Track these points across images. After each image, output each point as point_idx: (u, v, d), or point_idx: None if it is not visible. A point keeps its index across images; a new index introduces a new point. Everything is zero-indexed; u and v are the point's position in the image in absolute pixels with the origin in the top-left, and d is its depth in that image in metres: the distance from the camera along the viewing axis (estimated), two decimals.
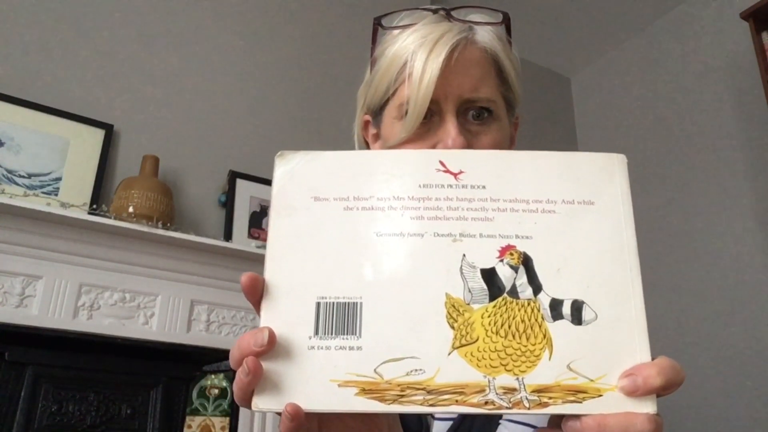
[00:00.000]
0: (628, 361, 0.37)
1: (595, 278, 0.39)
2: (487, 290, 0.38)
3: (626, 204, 0.42)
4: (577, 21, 3.10)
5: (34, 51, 1.81)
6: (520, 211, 0.40)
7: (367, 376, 0.37)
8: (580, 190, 0.41)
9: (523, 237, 0.39)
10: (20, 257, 1.53)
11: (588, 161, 0.42)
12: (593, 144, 3.29)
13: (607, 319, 0.38)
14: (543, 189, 0.40)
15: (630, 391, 0.36)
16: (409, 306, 0.38)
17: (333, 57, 2.40)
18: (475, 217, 0.39)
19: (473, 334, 0.37)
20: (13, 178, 1.64)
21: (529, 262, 0.39)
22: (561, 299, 0.38)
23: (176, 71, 2.04)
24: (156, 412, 1.66)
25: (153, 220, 1.64)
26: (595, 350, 0.37)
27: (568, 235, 0.39)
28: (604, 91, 3.30)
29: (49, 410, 1.52)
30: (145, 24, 2.03)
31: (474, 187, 0.40)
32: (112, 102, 1.89)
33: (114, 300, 1.62)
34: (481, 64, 0.61)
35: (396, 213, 0.40)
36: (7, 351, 1.51)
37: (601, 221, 0.40)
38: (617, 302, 0.39)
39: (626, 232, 0.40)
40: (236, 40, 2.19)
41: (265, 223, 2.01)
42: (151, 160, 1.78)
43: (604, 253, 0.39)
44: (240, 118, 2.11)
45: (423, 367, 0.37)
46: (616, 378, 0.37)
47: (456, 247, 0.39)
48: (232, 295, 1.79)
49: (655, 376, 0.36)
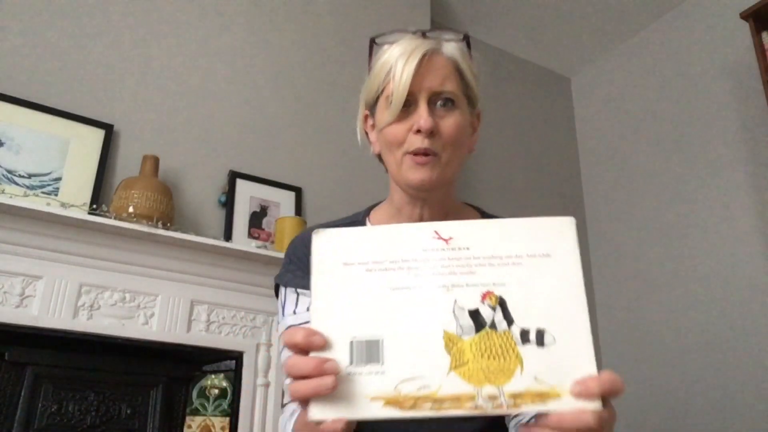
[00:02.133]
0: (579, 373, 0.51)
1: (553, 312, 0.53)
2: (473, 325, 0.52)
3: (576, 255, 0.55)
4: (577, 21, 3.10)
5: (34, 51, 1.81)
6: (496, 264, 0.54)
7: (389, 393, 0.51)
8: (540, 246, 0.55)
9: (498, 284, 0.54)
10: (20, 257, 1.53)
11: (545, 224, 0.57)
12: (593, 144, 3.29)
13: (563, 342, 0.52)
14: (512, 247, 0.55)
15: (579, 395, 0.51)
16: (417, 341, 0.52)
17: (332, 58, 2.40)
18: (463, 272, 0.54)
19: (464, 358, 0.51)
20: (13, 178, 1.64)
21: (504, 303, 0.53)
22: (528, 329, 0.52)
23: (176, 72, 2.04)
24: (156, 412, 1.66)
25: (153, 220, 1.64)
26: (554, 365, 0.51)
27: (532, 280, 0.54)
28: (604, 91, 3.30)
29: (49, 410, 1.52)
30: (145, 24, 2.03)
31: (461, 248, 0.55)
32: (112, 102, 1.89)
33: (114, 300, 1.62)
34: (446, 67, 0.83)
35: (404, 272, 0.55)
36: (7, 351, 1.51)
37: (556, 269, 0.54)
38: (570, 330, 0.53)
39: (576, 276, 0.54)
40: (236, 41, 2.19)
41: (265, 223, 2.01)
42: (151, 160, 1.78)
43: (560, 292, 0.54)
44: (240, 118, 2.11)
45: (429, 384, 0.51)
46: (570, 385, 0.50)
47: (449, 295, 0.53)
48: (232, 295, 1.79)
49: (597, 386, 0.51)
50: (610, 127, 3.21)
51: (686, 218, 2.69)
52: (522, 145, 3.17)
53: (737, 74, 2.60)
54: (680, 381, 2.54)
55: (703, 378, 2.46)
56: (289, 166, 2.15)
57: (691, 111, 2.78)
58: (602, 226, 3.13)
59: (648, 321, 2.75)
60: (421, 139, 0.80)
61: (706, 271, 2.56)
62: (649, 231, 2.85)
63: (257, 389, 1.75)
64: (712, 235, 2.57)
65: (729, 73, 2.64)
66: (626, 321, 2.86)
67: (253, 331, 1.81)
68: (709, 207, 2.61)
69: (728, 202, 2.54)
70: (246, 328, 1.80)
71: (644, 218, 2.90)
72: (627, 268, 2.92)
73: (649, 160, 2.94)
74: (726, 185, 2.56)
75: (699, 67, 2.79)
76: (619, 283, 2.95)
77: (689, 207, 2.69)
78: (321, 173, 2.21)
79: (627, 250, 2.95)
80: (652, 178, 2.90)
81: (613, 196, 3.10)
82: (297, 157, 2.18)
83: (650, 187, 2.90)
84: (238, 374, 1.75)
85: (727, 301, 2.45)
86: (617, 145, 3.14)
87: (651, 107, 2.99)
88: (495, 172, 2.97)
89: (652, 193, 2.88)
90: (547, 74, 3.47)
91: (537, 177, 3.16)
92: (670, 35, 2.97)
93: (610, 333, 2.93)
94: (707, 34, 2.78)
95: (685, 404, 2.50)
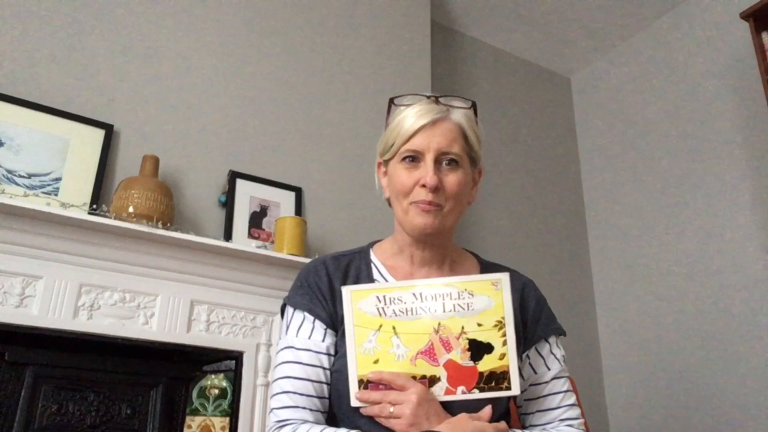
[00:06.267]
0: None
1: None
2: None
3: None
4: (577, 21, 3.10)
5: (34, 51, 1.81)
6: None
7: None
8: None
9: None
10: (20, 257, 1.53)
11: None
12: (593, 144, 3.29)
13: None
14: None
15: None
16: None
17: (332, 58, 2.40)
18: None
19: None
20: (13, 178, 1.64)
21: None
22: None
23: (176, 71, 2.04)
24: (156, 412, 1.66)
25: (153, 220, 1.64)
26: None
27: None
28: (604, 91, 3.30)
29: (49, 410, 1.52)
30: (145, 24, 2.02)
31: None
32: (112, 102, 1.89)
33: (114, 300, 1.62)
34: (453, 131, 0.95)
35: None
36: (7, 351, 1.51)
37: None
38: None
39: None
40: (236, 41, 2.19)
41: (265, 223, 2.01)
42: (151, 160, 1.78)
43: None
44: (240, 118, 2.11)
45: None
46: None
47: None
48: (232, 295, 1.79)
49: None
50: (610, 127, 3.21)
51: (686, 218, 2.69)
52: (522, 145, 3.17)
53: (737, 74, 2.60)
54: (680, 380, 2.54)
55: (704, 377, 2.46)
56: (289, 166, 2.15)
57: (691, 111, 2.78)
58: (602, 225, 3.13)
59: (648, 320, 2.75)
60: (425, 192, 0.92)
61: (707, 271, 2.56)
62: (649, 230, 2.85)
63: (257, 389, 1.75)
64: (712, 235, 2.57)
65: (729, 73, 2.64)
66: (626, 321, 2.86)
67: (253, 331, 1.81)
68: (709, 206, 2.61)
69: (728, 202, 2.54)
70: (246, 328, 1.80)
71: (644, 218, 2.90)
72: (627, 268, 2.92)
73: (649, 159, 2.93)
74: (726, 185, 2.56)
75: (699, 67, 2.79)
76: (619, 283, 2.95)
77: (689, 207, 2.69)
78: (321, 173, 2.21)
79: (627, 250, 2.95)
80: (651, 177, 2.90)
81: (613, 196, 3.10)
82: (297, 157, 2.18)
83: (650, 187, 2.90)
84: (238, 374, 1.75)
85: (728, 300, 2.45)
86: (617, 145, 3.14)
87: (651, 107, 2.99)
88: (495, 172, 2.97)
89: (652, 193, 2.88)
90: (547, 74, 3.47)
91: (537, 177, 3.16)
92: (670, 35, 2.97)
93: (610, 333, 2.93)
94: (707, 34, 2.78)
95: (686, 404, 2.50)
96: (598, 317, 3.01)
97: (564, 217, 3.16)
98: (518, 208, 3.02)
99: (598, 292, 3.06)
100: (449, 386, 0.85)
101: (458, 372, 0.86)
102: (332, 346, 0.92)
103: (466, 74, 3.11)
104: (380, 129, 1.07)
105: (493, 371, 0.86)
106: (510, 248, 2.87)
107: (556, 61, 3.42)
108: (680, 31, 2.92)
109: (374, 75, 2.47)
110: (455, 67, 3.09)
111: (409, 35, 2.64)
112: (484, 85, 3.15)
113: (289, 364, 0.91)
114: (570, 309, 2.92)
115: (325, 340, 0.92)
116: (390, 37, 2.58)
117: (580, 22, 3.10)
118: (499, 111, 3.14)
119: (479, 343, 0.87)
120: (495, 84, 3.20)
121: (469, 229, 2.77)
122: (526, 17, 3.09)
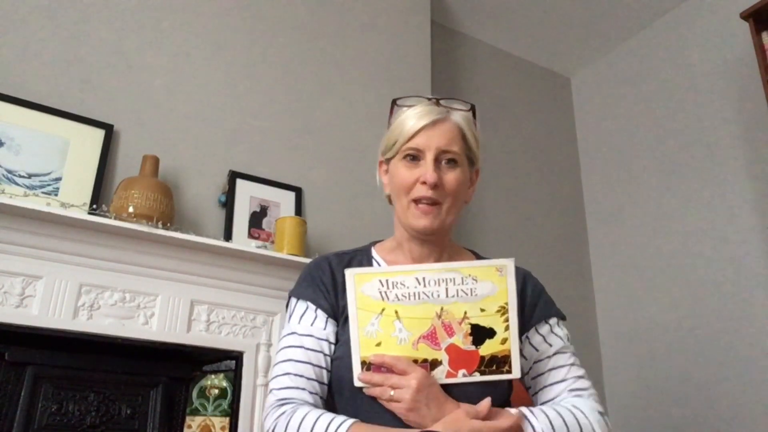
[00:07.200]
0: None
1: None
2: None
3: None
4: (577, 21, 3.10)
5: (34, 51, 1.81)
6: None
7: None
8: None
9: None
10: (20, 257, 1.53)
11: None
12: (593, 144, 3.29)
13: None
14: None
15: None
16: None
17: (332, 58, 2.40)
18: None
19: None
20: (13, 178, 1.64)
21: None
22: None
23: (176, 71, 2.04)
24: (156, 412, 1.66)
25: (153, 220, 1.64)
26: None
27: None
28: (604, 91, 3.30)
29: (49, 410, 1.52)
30: (145, 24, 2.02)
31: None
32: (112, 102, 1.89)
33: (114, 300, 1.62)
34: (452, 132, 1.00)
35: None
36: (7, 351, 1.51)
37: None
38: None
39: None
40: (237, 41, 2.19)
41: (265, 223, 2.01)
42: (151, 160, 1.78)
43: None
44: (240, 118, 2.11)
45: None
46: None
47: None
48: (232, 295, 1.79)
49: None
50: (610, 127, 3.21)
51: (686, 218, 2.69)
52: (522, 144, 3.17)
53: (737, 74, 2.60)
54: (680, 380, 2.54)
55: (704, 377, 2.46)
56: (289, 166, 2.14)
57: (691, 111, 2.78)
58: (602, 225, 3.13)
59: (648, 320, 2.75)
60: (425, 189, 0.95)
61: (707, 270, 2.56)
62: (649, 230, 2.85)
63: (257, 389, 1.75)
64: (712, 235, 2.57)
65: (729, 73, 2.64)
66: (626, 320, 2.86)
67: (253, 331, 1.81)
68: (710, 206, 2.61)
69: (729, 202, 2.54)
70: (246, 328, 1.80)
71: (644, 218, 2.90)
72: (627, 268, 2.92)
73: (649, 159, 2.93)
74: (726, 185, 2.56)
75: (699, 67, 2.78)
76: (618, 283, 2.95)
77: (689, 207, 2.69)
78: (321, 173, 2.21)
79: (627, 250, 2.95)
80: (652, 177, 2.90)
81: (613, 196, 3.10)
82: (297, 157, 2.18)
83: (650, 187, 2.90)
84: (238, 374, 1.75)
85: (728, 300, 2.45)
86: (617, 145, 3.14)
87: (651, 107, 2.99)
88: (495, 172, 2.97)
89: (652, 193, 2.88)
90: (547, 74, 3.47)
91: (537, 177, 3.16)
92: (670, 35, 2.97)
93: (610, 333, 2.93)
94: (707, 33, 2.78)
95: (686, 404, 2.50)
96: (597, 317, 3.01)
97: (564, 216, 3.16)
98: (518, 208, 3.02)
99: (597, 291, 3.06)
100: (450, 369, 0.87)
101: (460, 356, 0.87)
102: (333, 334, 0.96)
103: (466, 74, 3.11)
104: (381, 129, 1.09)
105: (495, 355, 0.87)
106: (510, 247, 2.87)
107: (556, 61, 3.42)
108: (680, 31, 2.92)
109: (374, 75, 2.47)
110: (455, 67, 3.09)
111: (409, 35, 2.64)
112: (484, 85, 3.15)
113: (291, 348, 0.95)
114: (570, 308, 2.89)
115: (326, 328, 0.96)
116: (390, 37, 2.58)
117: (580, 22, 3.10)
118: (499, 111, 3.14)
119: (481, 328, 0.87)
120: (495, 84, 3.20)
121: (470, 228, 2.77)
122: (526, 17, 3.09)
